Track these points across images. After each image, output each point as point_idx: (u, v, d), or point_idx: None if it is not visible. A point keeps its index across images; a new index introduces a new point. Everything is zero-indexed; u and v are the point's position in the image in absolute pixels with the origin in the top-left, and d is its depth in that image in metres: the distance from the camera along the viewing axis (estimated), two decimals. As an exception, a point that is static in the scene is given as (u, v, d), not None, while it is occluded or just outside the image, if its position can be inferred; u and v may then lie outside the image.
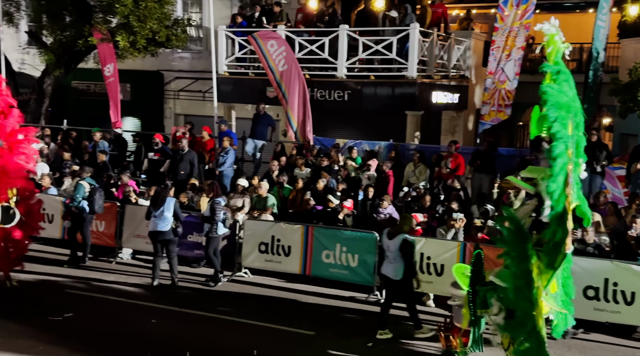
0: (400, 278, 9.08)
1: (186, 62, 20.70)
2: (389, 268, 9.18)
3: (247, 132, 16.06)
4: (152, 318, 9.60)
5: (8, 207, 9.67)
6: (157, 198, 10.96)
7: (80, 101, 21.59)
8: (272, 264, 11.70)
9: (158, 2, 15.95)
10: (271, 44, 15.27)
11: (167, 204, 10.86)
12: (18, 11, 18.83)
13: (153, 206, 10.91)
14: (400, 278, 9.08)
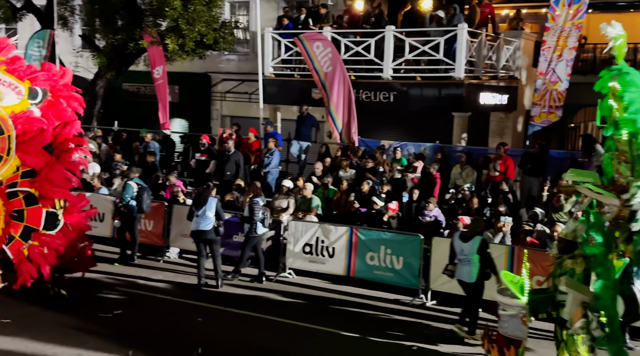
0: (474, 281, 8.95)
1: (233, 64, 20.92)
2: (463, 271, 9.05)
3: (292, 133, 16.13)
4: (198, 317, 9.71)
5: (54, 213, 9.79)
6: (199, 198, 11.10)
7: (131, 103, 22.06)
8: (316, 265, 11.71)
9: (206, 6, 16.17)
10: (317, 45, 15.28)
11: (209, 204, 10.97)
12: (72, 15, 19.40)
13: (195, 206, 11.04)
14: (475, 280, 8.95)
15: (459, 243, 9.12)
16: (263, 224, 11.35)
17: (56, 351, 8.16)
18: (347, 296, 11.01)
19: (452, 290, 10.51)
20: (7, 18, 18.07)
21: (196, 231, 11.05)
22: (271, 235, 12.09)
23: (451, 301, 10.58)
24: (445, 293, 10.65)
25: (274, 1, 19.57)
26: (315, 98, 16.35)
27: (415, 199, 12.56)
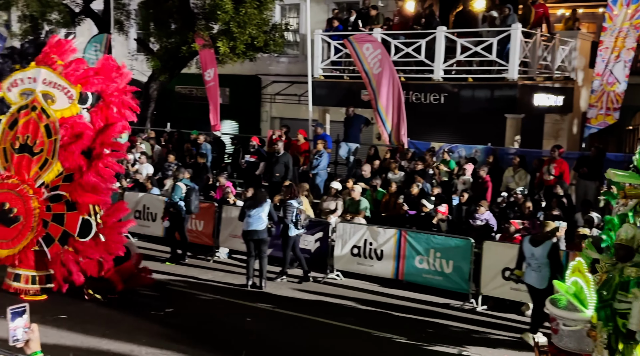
0: (545, 287, 8.61)
1: (283, 66, 21.06)
2: (533, 276, 8.81)
3: (341, 135, 16.11)
4: (247, 317, 9.79)
5: (88, 220, 9.84)
6: (254, 198, 11.19)
7: (183, 104, 22.45)
8: (364, 267, 11.64)
9: (257, 9, 16.32)
10: (367, 47, 15.22)
11: (264, 205, 11.08)
12: (128, 19, 19.90)
13: (251, 206, 11.11)
14: (545, 286, 8.59)
15: (529, 247, 8.85)
16: (296, 226, 11.34)
17: (110, 346, 8.34)
18: (395, 299, 10.90)
19: (504, 295, 10.32)
20: (67, 22, 18.64)
21: (249, 231, 11.11)
22: (319, 236, 12.10)
23: (503, 307, 10.37)
24: (496, 299, 10.44)
25: (324, 3, 19.62)
26: (364, 100, 16.28)
27: (466, 202, 12.35)
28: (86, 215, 9.80)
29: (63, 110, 9.92)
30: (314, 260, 12.17)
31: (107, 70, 10.11)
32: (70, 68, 10.06)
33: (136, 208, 13.97)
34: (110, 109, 10.04)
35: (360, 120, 15.92)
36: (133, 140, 16.73)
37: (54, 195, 9.90)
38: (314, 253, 12.18)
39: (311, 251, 12.21)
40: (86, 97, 9.99)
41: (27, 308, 4.17)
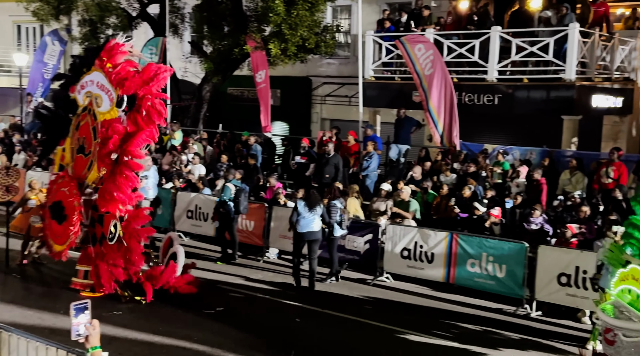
0: None
1: (333, 67, 21.05)
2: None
3: (392, 137, 15.99)
4: (296, 318, 9.80)
5: (115, 224, 10.02)
6: (310, 200, 11.18)
7: (235, 106, 22.70)
8: (415, 270, 11.51)
9: (309, 10, 16.34)
10: (419, 47, 15.06)
11: (317, 207, 11.13)
12: (183, 23, 20.26)
13: (308, 207, 11.09)
14: None
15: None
16: (340, 226, 11.36)
17: (163, 341, 8.49)
18: (446, 303, 10.74)
19: (559, 301, 10.04)
20: (124, 26, 19.09)
21: (305, 232, 11.11)
22: (369, 238, 12.03)
23: (558, 313, 10.08)
24: (551, 304, 10.16)
25: (376, 4, 19.52)
26: (415, 101, 16.11)
27: (520, 205, 12.07)
28: (114, 219, 9.96)
29: (105, 113, 10.11)
30: (363, 262, 12.11)
31: (146, 73, 9.93)
32: (115, 70, 10.13)
33: (188, 208, 14.19)
34: (140, 113, 9.88)
35: (412, 122, 15.76)
36: (186, 141, 17.02)
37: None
38: (363, 255, 12.11)
39: (360, 253, 12.14)
40: (122, 100, 10.01)
41: (88, 304, 4.27)
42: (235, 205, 12.57)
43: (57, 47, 22.35)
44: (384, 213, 12.35)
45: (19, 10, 20.86)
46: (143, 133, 9.87)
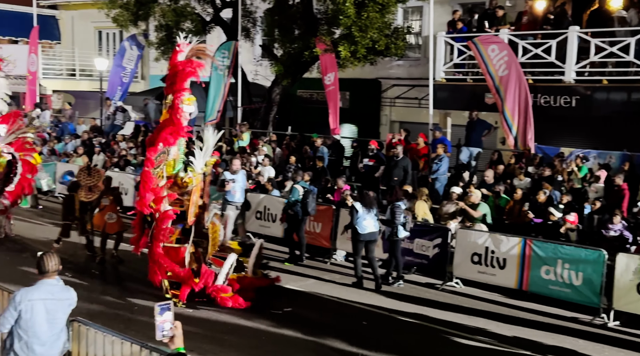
0: None
1: (403, 69, 20.86)
2: None
3: (463, 139, 15.69)
4: (363, 321, 9.74)
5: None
6: (368, 201, 11.29)
7: (304, 108, 22.85)
8: (486, 276, 11.23)
9: (379, 12, 16.24)
10: (492, 48, 14.71)
11: (374, 208, 11.34)
12: (254, 27, 20.59)
13: (366, 210, 11.19)
14: None
15: None
16: (404, 228, 11.29)
17: (232, 339, 8.63)
18: (518, 311, 10.43)
19: (639, 311, 9.57)
20: (198, 31, 19.56)
21: (366, 233, 11.22)
22: (438, 242, 11.83)
23: (637, 323, 9.61)
24: (630, 314, 9.70)
25: (448, 5, 19.21)
26: (488, 103, 15.76)
27: (598, 211, 11.58)
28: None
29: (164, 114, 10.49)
30: (431, 266, 11.93)
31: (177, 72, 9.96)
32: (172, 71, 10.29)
33: (257, 209, 14.37)
34: (171, 111, 9.99)
35: (484, 125, 15.41)
36: (255, 143, 17.25)
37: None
38: (432, 259, 11.93)
39: (429, 257, 11.96)
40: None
41: (171, 305, 4.36)
42: (303, 207, 12.65)
43: (135, 51, 23.16)
44: (454, 216, 12.12)
45: (100, 16, 21.76)
46: (164, 131, 9.97)
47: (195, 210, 10.27)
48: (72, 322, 6.07)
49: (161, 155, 9.89)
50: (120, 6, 19.29)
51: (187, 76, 9.89)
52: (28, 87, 25.24)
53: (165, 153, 9.96)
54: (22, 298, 5.65)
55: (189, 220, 10.17)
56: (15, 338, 5.71)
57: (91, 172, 12.35)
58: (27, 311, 5.63)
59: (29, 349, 5.70)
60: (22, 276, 10.09)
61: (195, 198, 10.25)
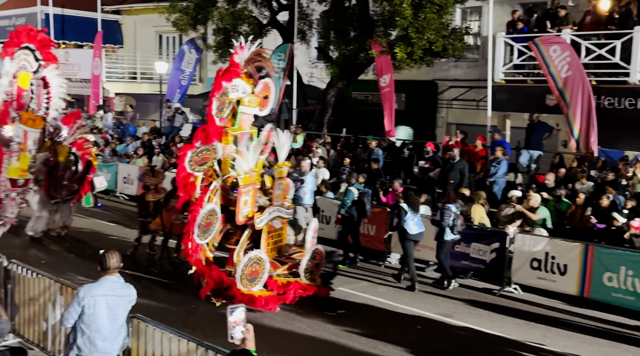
0: None
1: (461, 70, 20.56)
2: None
3: (522, 142, 15.33)
4: (417, 325, 9.64)
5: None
6: (414, 202, 11.49)
7: (359, 110, 22.81)
8: (545, 282, 10.94)
9: (437, 13, 16.04)
10: (554, 49, 14.34)
11: (420, 209, 11.64)
12: (310, 29, 20.68)
13: (413, 210, 11.37)
14: None
15: None
16: (452, 231, 11.22)
17: (286, 338, 8.67)
18: (580, 318, 10.12)
19: None
20: (255, 34, 19.79)
21: (416, 234, 11.40)
22: (495, 246, 11.60)
23: None
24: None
25: (508, 5, 18.81)
26: (549, 105, 15.36)
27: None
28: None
29: None
30: (488, 271, 11.70)
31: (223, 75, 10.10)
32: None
33: (312, 210, 14.39)
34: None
35: (545, 128, 15.02)
36: (309, 145, 17.32)
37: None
38: (489, 264, 11.70)
39: (486, 261, 11.74)
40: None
41: (244, 307, 4.41)
42: (358, 209, 12.61)
43: (194, 55, 23.65)
44: (512, 220, 11.86)
45: (161, 21, 22.33)
46: (200, 129, 10.22)
47: (251, 211, 10.20)
48: (132, 319, 6.23)
49: (202, 152, 9.87)
50: (180, 10, 19.71)
51: (224, 78, 9.93)
52: (92, 90, 26.11)
53: (210, 150, 9.95)
54: (86, 293, 5.83)
55: (238, 221, 10.07)
56: (78, 333, 5.89)
57: (155, 173, 12.67)
58: (89, 307, 5.81)
59: (92, 344, 5.88)
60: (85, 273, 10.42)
61: (246, 199, 10.10)
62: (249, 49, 10.44)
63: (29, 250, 12.42)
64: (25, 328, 7.70)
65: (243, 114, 10.48)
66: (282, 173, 10.94)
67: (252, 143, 10.74)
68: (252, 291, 9.75)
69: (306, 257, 10.41)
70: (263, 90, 10.75)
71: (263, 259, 9.90)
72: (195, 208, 9.74)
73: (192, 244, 9.73)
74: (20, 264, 7.78)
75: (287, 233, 11.01)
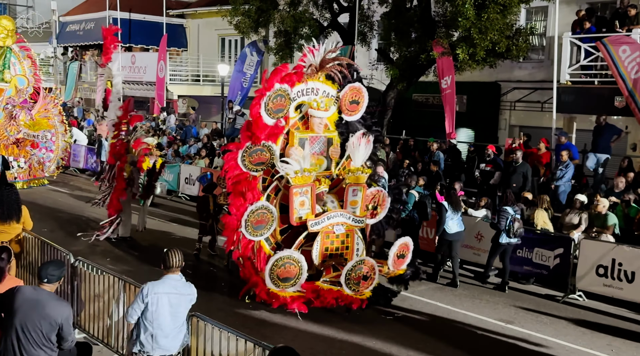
0: None
1: (525, 71, 20.07)
2: None
3: (589, 145, 14.83)
4: (477, 331, 9.47)
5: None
6: (456, 201, 11.63)
7: (419, 112, 22.60)
8: (612, 290, 10.55)
9: (501, 13, 15.70)
10: (623, 49, 13.82)
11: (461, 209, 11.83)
12: (371, 31, 20.61)
13: (454, 210, 11.52)
14: None
15: None
16: (508, 234, 11.08)
17: (342, 341, 8.68)
18: (648, 329, 9.72)
19: None
20: (316, 36, 19.88)
21: (455, 233, 11.59)
22: (559, 252, 11.27)
23: None
24: None
25: (575, 4, 18.25)
26: (618, 107, 14.79)
27: None
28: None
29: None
30: (552, 278, 11.39)
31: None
32: None
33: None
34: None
35: (613, 130, 14.49)
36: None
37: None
38: (552, 269, 11.38)
39: (549, 267, 11.42)
40: None
41: None
42: (419, 212, 12.50)
43: (255, 57, 23.98)
44: (577, 226, 11.49)
45: (223, 24, 22.73)
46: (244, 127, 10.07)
47: (309, 213, 9.84)
48: (191, 317, 6.36)
49: (256, 152, 9.70)
50: (242, 14, 19.99)
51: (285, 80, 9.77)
52: (156, 92, 26.85)
53: (264, 151, 9.74)
54: (149, 291, 5.99)
55: (291, 221, 9.84)
56: (141, 329, 6.07)
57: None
58: (153, 304, 5.96)
59: (154, 340, 6.04)
60: (148, 271, 10.72)
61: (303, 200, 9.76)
62: (323, 51, 10.14)
63: (95, 248, 12.86)
64: (90, 323, 7.97)
65: (312, 117, 10.30)
66: (359, 179, 10.25)
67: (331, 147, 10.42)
68: (286, 292, 9.48)
69: (348, 265, 9.52)
70: (349, 94, 10.51)
71: (298, 260, 9.43)
72: (243, 204, 9.62)
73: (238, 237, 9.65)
74: (86, 261, 8.06)
75: (355, 241, 10.12)
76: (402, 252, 10.22)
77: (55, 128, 19.60)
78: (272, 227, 9.90)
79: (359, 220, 10.13)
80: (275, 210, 9.88)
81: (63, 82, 34.73)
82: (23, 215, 9.08)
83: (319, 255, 9.84)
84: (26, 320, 5.41)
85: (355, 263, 9.56)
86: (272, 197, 10.05)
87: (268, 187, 10.08)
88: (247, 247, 9.76)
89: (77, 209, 16.32)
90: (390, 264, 10.06)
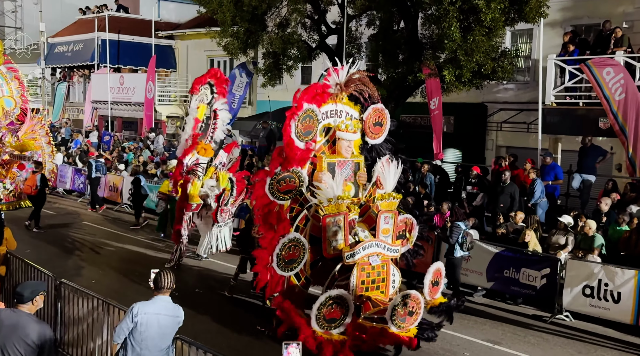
0: None
1: (511, 93, 20.28)
2: None
3: (574, 165, 14.96)
4: (465, 351, 9.43)
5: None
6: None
7: (407, 133, 22.68)
8: (598, 310, 10.57)
9: (486, 36, 15.90)
10: (607, 71, 14.02)
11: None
12: (359, 52, 20.76)
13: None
14: None
15: None
16: (462, 248, 11.34)
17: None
18: (635, 348, 9.72)
19: None
20: (304, 57, 20.00)
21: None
22: (546, 272, 11.30)
23: None
24: None
25: (560, 27, 18.53)
26: (602, 128, 14.98)
27: None
28: None
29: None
30: (539, 298, 11.39)
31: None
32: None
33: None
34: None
35: (599, 152, 14.64)
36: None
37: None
38: (539, 289, 11.39)
39: (536, 287, 11.43)
40: None
41: (300, 345, 4.37)
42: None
43: (244, 79, 24.08)
44: (564, 246, 11.54)
45: (212, 45, 22.84)
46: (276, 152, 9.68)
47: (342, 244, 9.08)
48: (176, 340, 6.29)
49: (285, 179, 9.21)
50: (230, 35, 20.10)
51: (312, 100, 9.37)
52: (145, 113, 26.85)
53: (293, 177, 9.25)
54: (139, 310, 5.93)
55: (325, 253, 9.22)
56: (128, 350, 5.99)
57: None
58: (142, 324, 5.90)
59: (140, 361, 5.96)
60: (135, 292, 10.59)
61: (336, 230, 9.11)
62: (348, 71, 9.76)
63: (81, 270, 12.73)
64: (72, 348, 7.86)
65: (341, 140, 9.80)
66: (391, 205, 9.46)
67: (358, 172, 9.91)
68: (332, 334, 8.56)
69: (394, 300, 8.39)
70: (373, 116, 10.19)
71: (345, 299, 8.58)
72: (275, 237, 9.06)
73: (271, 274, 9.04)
74: (69, 283, 7.98)
75: (391, 272, 9.17)
76: (436, 278, 9.36)
77: (42, 149, 19.52)
78: (304, 261, 9.22)
79: (393, 250, 9.26)
80: (306, 242, 9.22)
81: (51, 103, 34.68)
82: (6, 235, 9.00)
83: (356, 289, 8.82)
84: (5, 341, 5.35)
85: (401, 298, 8.35)
86: (301, 228, 9.41)
87: (296, 217, 9.45)
88: (277, 283, 9.16)
89: (63, 230, 16.19)
90: (427, 293, 9.14)
